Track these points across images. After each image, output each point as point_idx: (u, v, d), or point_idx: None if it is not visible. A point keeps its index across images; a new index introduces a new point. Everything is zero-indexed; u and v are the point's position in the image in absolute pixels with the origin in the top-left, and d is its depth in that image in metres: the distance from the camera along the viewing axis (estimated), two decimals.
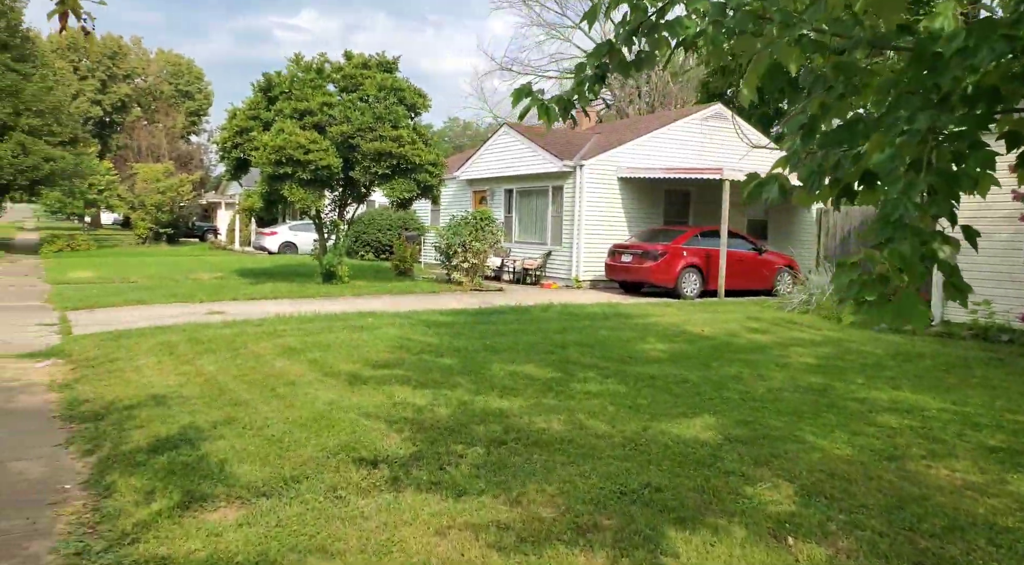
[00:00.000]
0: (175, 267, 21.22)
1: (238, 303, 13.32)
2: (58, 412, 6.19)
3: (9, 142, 25.11)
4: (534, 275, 17.93)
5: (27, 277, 18.29)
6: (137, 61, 58.04)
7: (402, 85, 15.12)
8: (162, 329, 9.70)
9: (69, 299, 13.19)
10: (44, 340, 9.32)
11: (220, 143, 15.69)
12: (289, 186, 14.30)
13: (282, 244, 28.73)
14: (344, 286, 15.94)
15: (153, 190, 33.32)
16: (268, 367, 7.55)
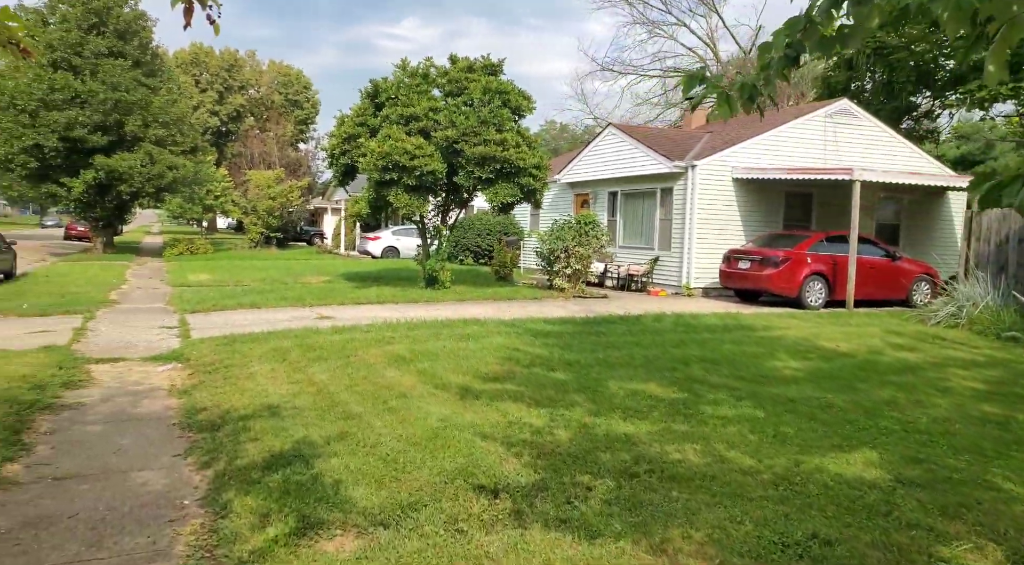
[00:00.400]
0: (285, 271, 21.90)
1: (345, 307, 13.41)
2: (177, 419, 6.19)
3: (139, 152, 26.83)
4: (640, 282, 17.23)
5: (151, 279, 19.32)
6: (251, 73, 61.23)
7: (507, 87, 14.84)
8: (274, 335, 9.78)
9: (188, 302, 13.69)
10: (165, 343, 9.59)
11: (329, 150, 15.94)
12: (395, 192, 14.30)
13: (385, 248, 29.26)
14: (446, 291, 15.83)
15: (264, 196, 34.83)
16: (378, 377, 7.36)
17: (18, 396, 6.44)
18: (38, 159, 25.62)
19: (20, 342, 9.22)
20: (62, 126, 25.05)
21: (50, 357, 8.13)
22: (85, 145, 25.87)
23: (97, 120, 25.78)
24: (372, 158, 14.02)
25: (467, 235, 25.72)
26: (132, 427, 5.99)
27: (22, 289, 15.10)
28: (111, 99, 25.99)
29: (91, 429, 5.88)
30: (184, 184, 29.91)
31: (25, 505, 4.38)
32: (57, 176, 26.14)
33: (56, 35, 25.83)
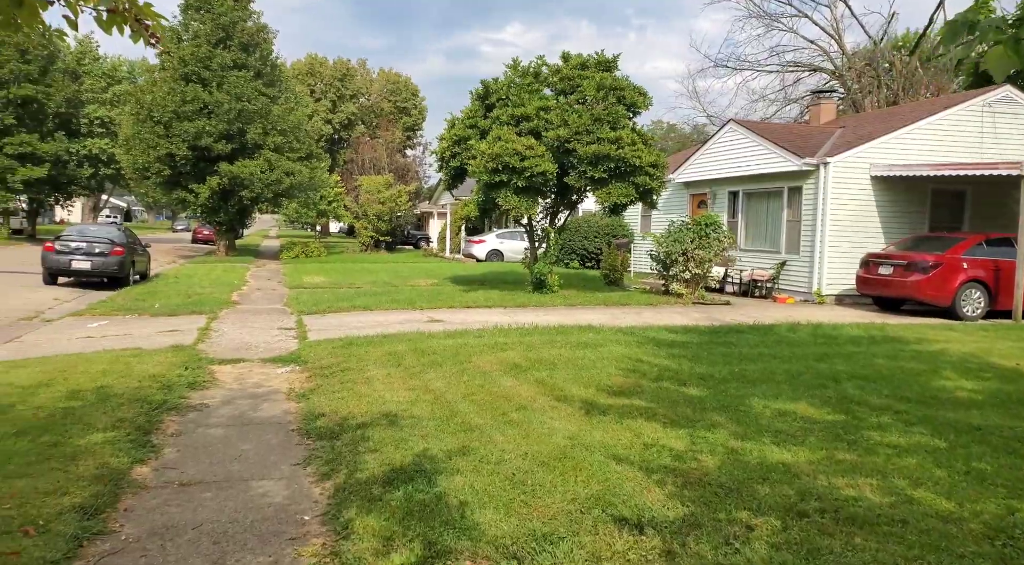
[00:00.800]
0: (394, 274, 22.18)
1: (455, 311, 13.23)
2: (296, 425, 6.04)
3: (259, 159, 28.10)
4: (764, 287, 16.10)
5: (269, 281, 20.01)
6: (362, 81, 63.39)
7: (621, 84, 14.23)
8: (388, 338, 9.64)
9: (304, 303, 13.93)
10: (284, 345, 9.65)
11: (438, 153, 15.88)
12: (504, 194, 14.01)
13: (489, 252, 29.22)
14: (554, 295, 15.39)
15: (374, 200, 35.72)
16: (495, 386, 6.97)
17: (148, 396, 6.51)
18: (170, 167, 27.31)
19: (152, 341, 9.53)
20: (192, 135, 26.58)
21: (177, 357, 8.29)
22: (211, 153, 27.35)
23: (222, 129, 27.19)
24: (482, 160, 13.79)
25: (574, 238, 25.19)
26: (252, 432, 5.88)
27: (155, 289, 15.93)
28: (235, 109, 27.34)
29: (214, 432, 5.81)
30: (300, 189, 31.08)
31: (152, 512, 4.27)
32: (187, 183, 27.79)
33: (188, 50, 27.47)
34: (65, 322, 11.42)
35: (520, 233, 30.10)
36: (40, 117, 35.44)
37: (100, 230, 17.85)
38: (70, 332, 10.40)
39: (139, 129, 27.26)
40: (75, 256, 16.43)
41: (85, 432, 5.40)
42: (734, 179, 17.76)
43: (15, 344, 9.46)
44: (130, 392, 6.59)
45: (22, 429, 5.38)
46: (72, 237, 16.81)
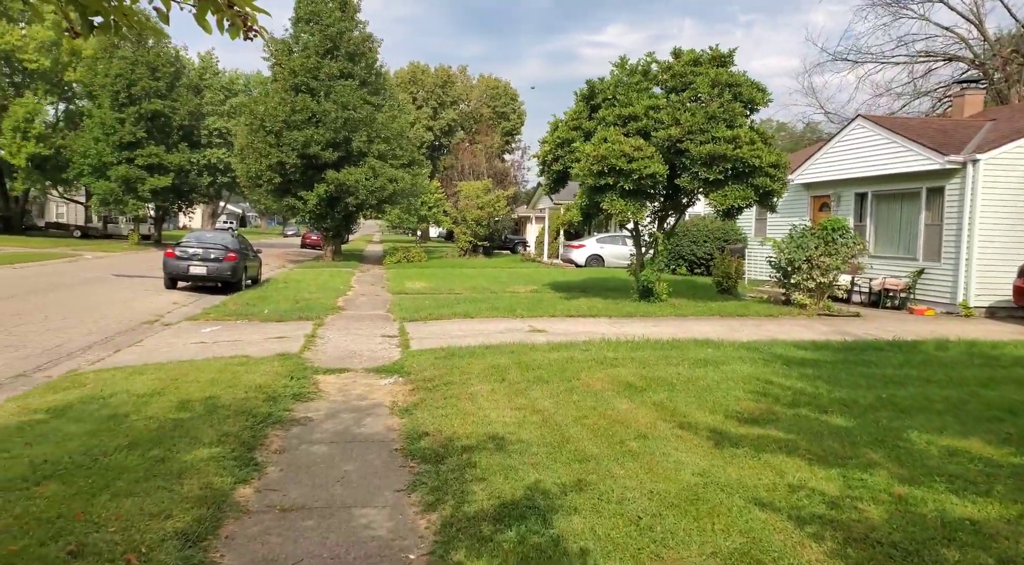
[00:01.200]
0: (492, 279, 21.98)
1: (557, 320, 12.75)
2: (400, 444, 5.73)
3: (364, 167, 28.75)
4: (898, 298, 14.65)
5: (373, 286, 20.26)
6: (462, 88, 64.22)
7: (738, 79, 13.31)
8: (490, 350, 9.28)
9: (406, 310, 13.86)
10: (387, 353, 9.48)
11: (540, 156, 15.46)
12: (609, 197, 13.40)
13: (589, 257, 28.58)
14: (663, 305, 14.61)
15: (473, 206, 35.86)
16: (609, 409, 6.42)
17: (254, 408, 6.40)
18: (281, 175, 28.37)
19: (260, 348, 9.59)
20: (300, 144, 27.50)
21: (283, 366, 8.24)
22: (319, 161, 28.20)
23: (329, 137, 27.98)
24: (587, 162, 13.24)
25: (682, 242, 24.13)
26: (356, 450, 5.61)
27: (265, 294, 16.38)
28: (341, 117, 28.07)
29: (317, 450, 5.58)
30: (402, 196, 31.57)
31: (253, 541, 4.02)
32: (296, 190, 28.79)
33: (298, 62, 28.48)
34: (182, 327, 11.79)
35: (622, 237, 29.26)
36: (167, 130, 37.85)
37: (215, 236, 18.61)
38: (185, 337, 10.68)
39: (252, 139, 28.47)
40: (192, 262, 17.16)
41: (191, 447, 5.29)
42: (862, 180, 16.31)
43: (137, 348, 9.77)
44: (236, 404, 6.50)
45: (134, 441, 5.33)
46: (190, 243, 17.59)
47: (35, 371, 8.48)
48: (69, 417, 5.98)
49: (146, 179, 35.83)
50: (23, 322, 11.69)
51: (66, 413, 6.12)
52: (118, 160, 35.34)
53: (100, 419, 5.91)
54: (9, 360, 8.93)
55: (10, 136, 35.58)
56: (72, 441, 5.30)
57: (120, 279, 19.30)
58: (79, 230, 44.58)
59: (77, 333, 10.97)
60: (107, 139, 35.05)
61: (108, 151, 35.14)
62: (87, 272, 21.05)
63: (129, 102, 35.49)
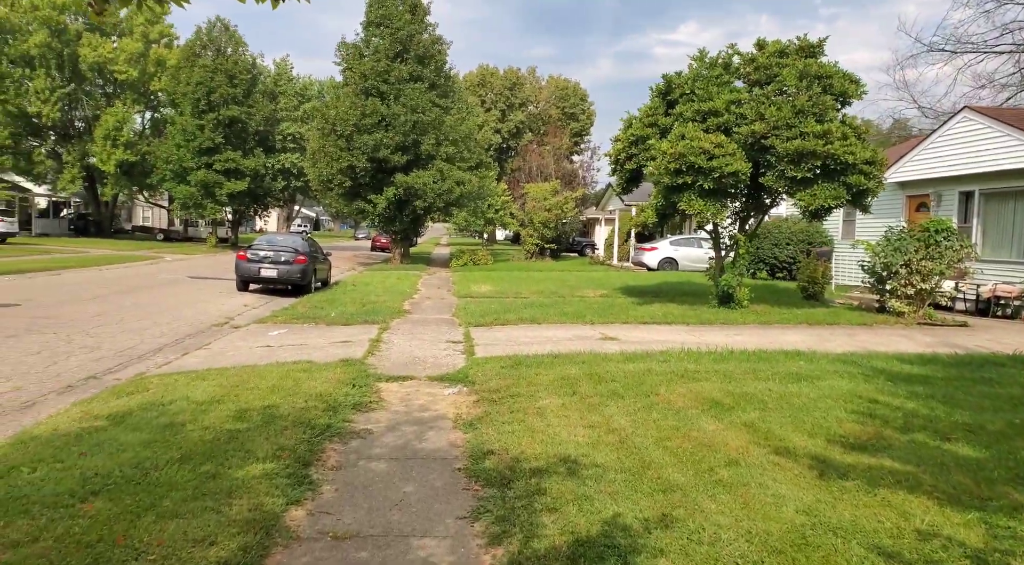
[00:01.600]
0: (560, 283, 21.44)
1: (629, 327, 12.11)
2: (463, 463, 5.28)
3: (432, 169, 28.73)
4: (1011, 306, 13.30)
5: (439, 289, 20.04)
6: (531, 89, 63.85)
7: (829, 70, 12.35)
8: (560, 359, 8.75)
9: (472, 314, 13.49)
10: (451, 360, 9.09)
11: (613, 155, 14.83)
12: (687, 197, 12.66)
13: (661, 260, 27.64)
14: (744, 311, 13.75)
15: (540, 208, 35.37)
16: (694, 429, 5.80)
17: (312, 419, 6.09)
18: (351, 178, 28.64)
19: (324, 353, 9.38)
20: (370, 148, 27.68)
21: (346, 373, 7.95)
22: (388, 164, 28.32)
23: (398, 141, 28.07)
24: (663, 160, 12.54)
25: (763, 245, 22.93)
26: (416, 468, 5.20)
27: (333, 297, 16.35)
28: (410, 120, 28.11)
29: (375, 467, 5.19)
30: (469, 199, 31.41)
31: None
32: (365, 193, 29.02)
33: (368, 65, 28.71)
34: (250, 330, 11.76)
35: (696, 239, 28.19)
36: (243, 135, 39.01)
37: (286, 239, 18.78)
38: (252, 340, 10.60)
39: (323, 143, 28.84)
40: (263, 265, 17.32)
41: (245, 461, 4.99)
42: (968, 177, 14.96)
43: (204, 352, 9.71)
44: (295, 413, 6.21)
45: (187, 453, 5.08)
46: (261, 246, 17.77)
47: (106, 373, 8.48)
48: (127, 425, 5.81)
49: (223, 183, 36.98)
50: (102, 323, 11.90)
51: (125, 420, 5.96)
52: (197, 165, 36.61)
53: (157, 428, 5.70)
54: (83, 361, 8.99)
55: (101, 144, 37.39)
56: (126, 452, 5.08)
57: (195, 281, 19.74)
58: (162, 233, 46.53)
59: (150, 335, 11.06)
60: (188, 145, 36.35)
61: (188, 156, 36.43)
62: (165, 274, 21.67)
63: (208, 109, 36.72)
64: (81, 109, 39.98)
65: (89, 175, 40.68)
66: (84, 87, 39.21)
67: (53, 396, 7.39)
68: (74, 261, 24.77)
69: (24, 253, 27.25)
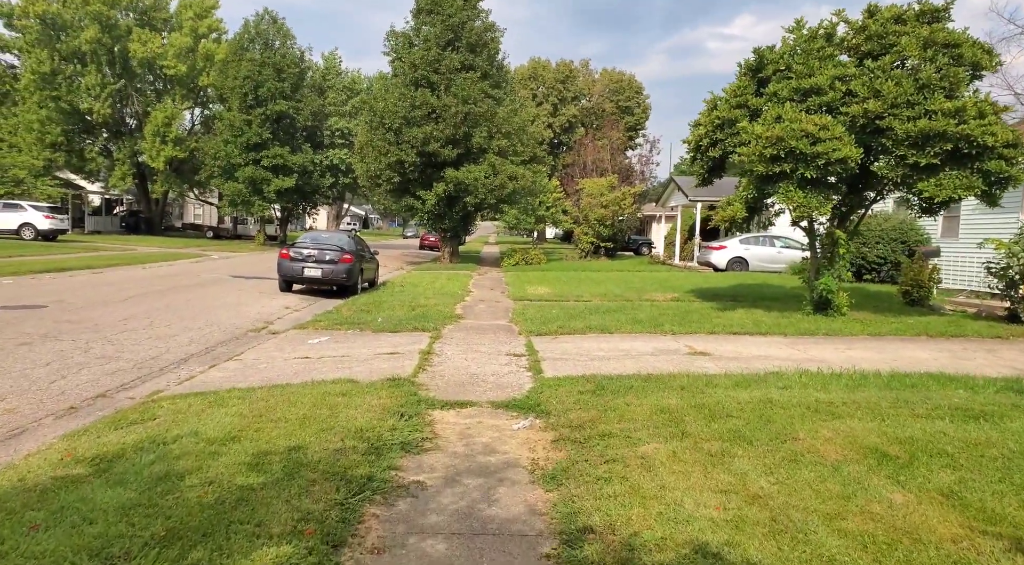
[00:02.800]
0: (623, 284, 19.78)
1: (718, 339, 10.44)
2: (550, 545, 3.81)
3: (483, 164, 27.36)
4: None
5: (492, 291, 18.62)
6: (583, 82, 62.08)
7: (958, 38, 10.44)
8: (651, 382, 7.19)
9: (531, 321, 12.03)
10: (515, 378, 7.62)
11: (692, 141, 13.14)
12: (785, 188, 10.92)
13: (731, 260, 25.67)
14: (845, 320, 11.92)
15: (596, 204, 33.68)
16: (872, 500, 4.18)
17: (349, 468, 4.69)
18: (400, 174, 27.48)
19: (368, 367, 8.03)
20: (420, 141, 26.45)
21: (392, 397, 6.55)
22: (437, 158, 27.05)
23: (448, 134, 26.78)
24: (757, 145, 10.82)
25: None
26: (487, 552, 3.72)
27: (380, 299, 15.08)
28: (461, 112, 26.79)
29: (430, 550, 3.75)
30: (522, 195, 29.95)
31: None
32: (414, 189, 27.82)
33: (419, 54, 27.49)
34: (288, 336, 10.51)
35: (768, 238, 26.13)
36: (291, 131, 38.34)
37: (331, 237, 17.61)
38: (290, 349, 9.33)
39: (371, 137, 27.76)
40: (307, 264, 16.16)
41: (252, 544, 3.59)
42: None
43: (234, 364, 8.48)
44: (327, 459, 4.82)
45: (175, 529, 3.71)
46: (305, 244, 16.62)
47: (118, 389, 7.29)
48: (112, 475, 4.49)
49: (271, 180, 36.34)
50: (128, 328, 10.82)
51: (112, 467, 4.65)
52: (245, 161, 36.05)
53: (148, 481, 4.37)
54: (96, 375, 7.82)
55: (151, 140, 37.19)
56: (93, 525, 3.74)
57: (237, 281, 18.76)
58: (211, 231, 46.39)
59: (178, 342, 9.90)
60: (235, 141, 35.82)
61: (236, 152, 35.90)
62: (208, 273, 20.80)
63: (256, 104, 36.13)
64: (131, 105, 39.92)
65: (140, 172, 40.64)
66: (135, 83, 39.11)
67: (50, 420, 6.19)
68: (119, 259, 24.21)
69: (72, 251, 26.90)
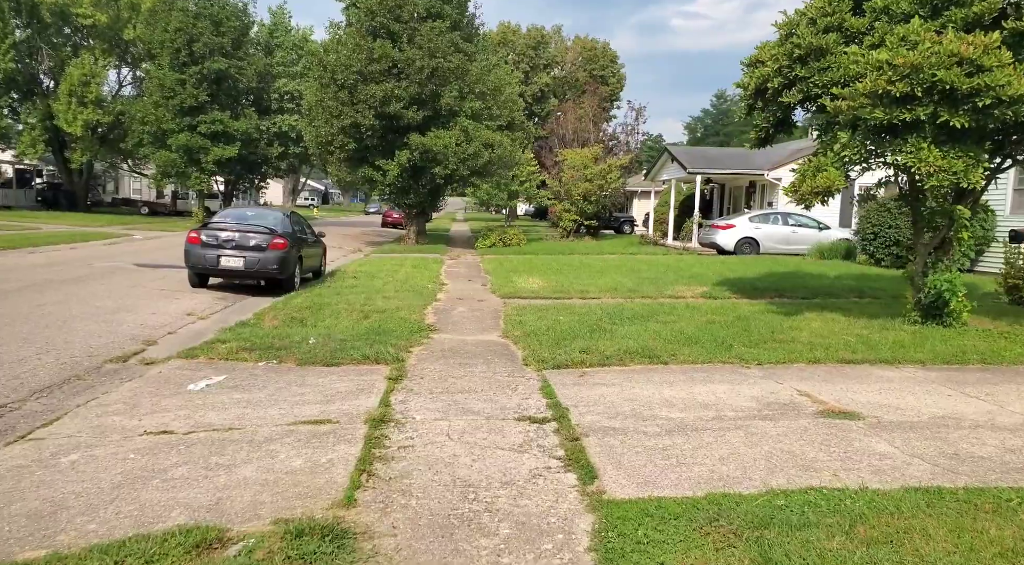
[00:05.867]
0: (631, 273, 16.17)
1: (829, 372, 6.89)
2: None
3: (454, 129, 23.36)
4: None
5: (471, 283, 14.84)
6: (556, 50, 58.17)
7: None
8: (792, 501, 3.54)
9: (536, 336, 8.38)
10: (553, 504, 3.90)
11: (750, 87, 9.45)
12: (915, 141, 7.33)
13: (740, 241, 22.22)
14: (975, 333, 8.48)
15: (580, 178, 29.97)
16: None
17: None
18: (355, 140, 23.33)
19: (265, 469, 4.26)
20: (378, 100, 22.30)
21: None
22: (400, 122, 22.97)
23: (412, 93, 22.67)
24: (878, 79, 7.19)
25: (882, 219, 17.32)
26: None
27: (323, 299, 11.19)
28: (428, 66, 22.68)
29: None
30: (500, 165, 26.05)
31: None
32: (374, 158, 23.70)
33: None
34: (163, 374, 6.63)
35: (782, 215, 22.75)
36: (233, 93, 33.69)
37: (259, 216, 13.56)
38: (148, 407, 5.51)
39: (322, 96, 23.53)
40: (224, 251, 12.15)
41: None
42: None
43: (19, 449, 4.62)
44: None
45: None
46: (223, 225, 12.57)
47: None
48: None
49: (210, 148, 31.80)
50: None
51: None
52: (179, 127, 31.40)
53: None
54: None
55: (66, 101, 32.09)
56: None
57: (139, 271, 14.61)
58: (147, 207, 41.42)
59: None
60: (167, 103, 31.10)
61: (168, 117, 31.22)
62: (109, 260, 16.55)
63: (191, 61, 31.39)
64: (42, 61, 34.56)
65: (59, 139, 35.43)
66: (47, 35, 33.79)
67: None
68: (8, 240, 19.73)
69: None
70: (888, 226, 17.01)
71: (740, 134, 75.74)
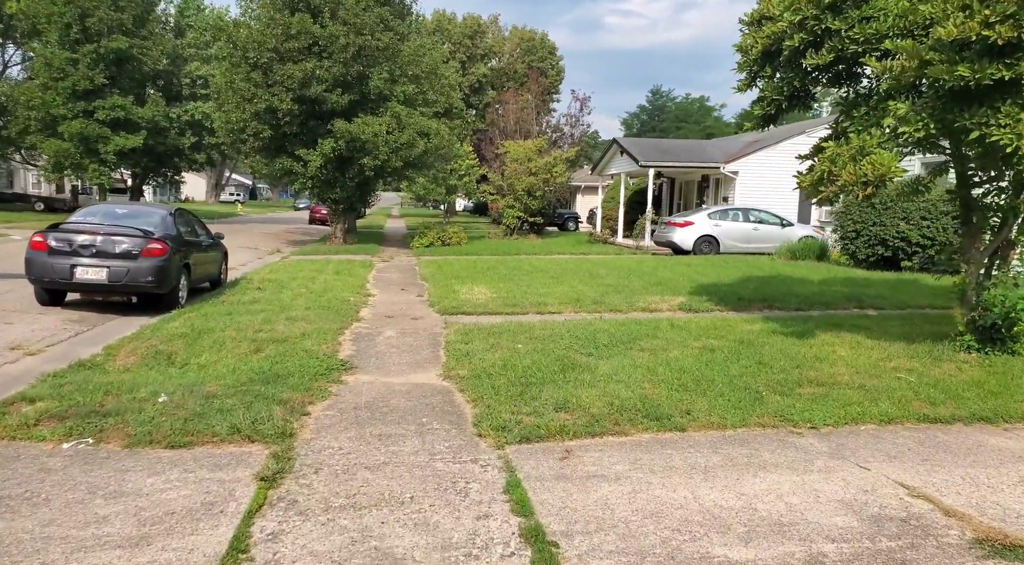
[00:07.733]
0: (589, 278, 14.02)
1: (913, 440, 4.84)
2: None
3: (384, 115, 20.74)
4: None
5: (404, 292, 12.40)
6: (494, 40, 55.92)
7: None
8: None
9: (490, 378, 6.11)
10: None
11: (754, 48, 7.35)
12: (1010, 111, 5.33)
13: (699, 239, 20.38)
14: None
15: (524, 171, 27.75)
16: None
17: None
18: (272, 126, 20.43)
19: None
20: (298, 82, 19.48)
21: None
22: (323, 106, 20.21)
23: (336, 74, 19.94)
24: (966, 22, 5.16)
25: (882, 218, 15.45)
26: None
27: (206, 324, 8.57)
28: (354, 44, 20.00)
29: None
30: (436, 157, 23.54)
31: None
32: (293, 148, 20.84)
33: None
34: None
35: (743, 211, 21.07)
36: (136, 77, 30.06)
37: (134, 214, 10.71)
38: None
39: (232, 77, 20.54)
40: (81, 259, 9.33)
41: None
42: None
43: None
44: None
45: None
46: (82, 226, 9.73)
47: None
48: None
49: (109, 137, 28.16)
50: None
51: None
52: (72, 113, 27.66)
53: None
54: None
55: None
56: None
57: None
58: (42, 203, 37.01)
59: None
60: (56, 85, 27.31)
61: (58, 101, 27.43)
62: None
63: (84, 38, 27.69)
64: None
65: None
66: None
67: None
68: None
69: None
70: (872, 223, 15.34)
71: (676, 130, 74.82)
